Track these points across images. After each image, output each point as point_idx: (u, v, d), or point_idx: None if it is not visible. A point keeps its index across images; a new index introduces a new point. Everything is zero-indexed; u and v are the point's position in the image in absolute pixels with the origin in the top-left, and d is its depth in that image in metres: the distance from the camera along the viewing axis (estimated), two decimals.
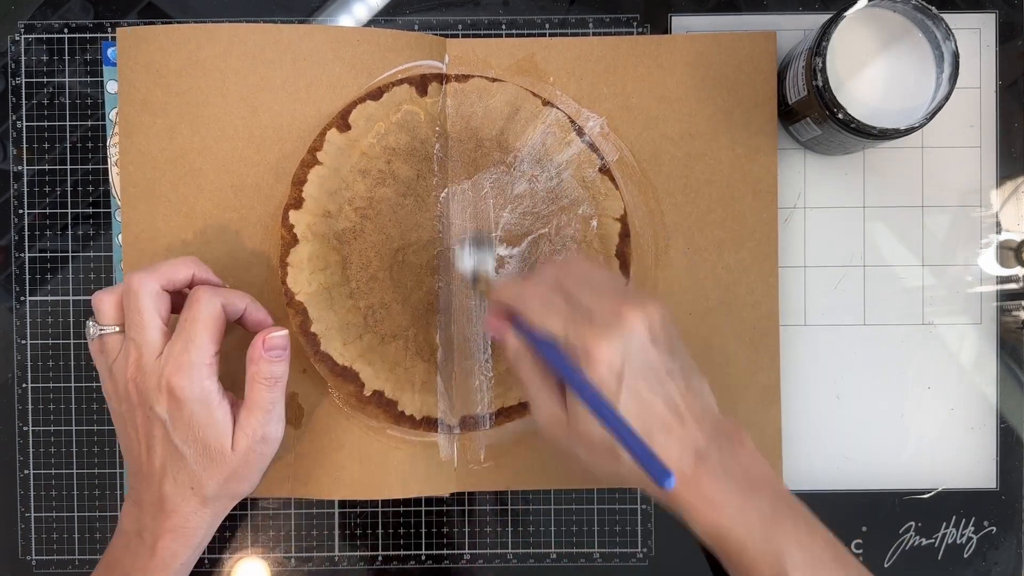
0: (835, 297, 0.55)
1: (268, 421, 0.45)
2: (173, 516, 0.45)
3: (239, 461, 0.45)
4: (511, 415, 0.53)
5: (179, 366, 0.43)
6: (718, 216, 0.53)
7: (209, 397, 0.44)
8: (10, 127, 0.55)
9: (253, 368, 0.45)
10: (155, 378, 0.43)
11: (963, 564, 0.54)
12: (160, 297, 0.44)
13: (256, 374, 0.45)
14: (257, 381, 0.45)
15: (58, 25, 0.55)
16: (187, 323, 0.44)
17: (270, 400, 0.45)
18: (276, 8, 0.55)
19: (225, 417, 0.45)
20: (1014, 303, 0.55)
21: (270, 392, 0.45)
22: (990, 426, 0.54)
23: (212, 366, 0.44)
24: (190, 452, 0.44)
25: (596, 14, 0.55)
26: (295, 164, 0.52)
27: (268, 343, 0.45)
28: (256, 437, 0.45)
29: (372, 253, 0.52)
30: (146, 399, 0.44)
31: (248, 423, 0.45)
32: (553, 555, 0.55)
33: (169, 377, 0.43)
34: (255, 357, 0.45)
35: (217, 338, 0.44)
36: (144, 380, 0.44)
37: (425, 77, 0.52)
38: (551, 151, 0.53)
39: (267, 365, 0.45)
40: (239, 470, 0.45)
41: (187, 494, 0.45)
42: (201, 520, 0.46)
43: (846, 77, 0.48)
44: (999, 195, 0.55)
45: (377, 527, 0.55)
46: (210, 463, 0.45)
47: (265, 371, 0.45)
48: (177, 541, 0.45)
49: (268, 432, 0.45)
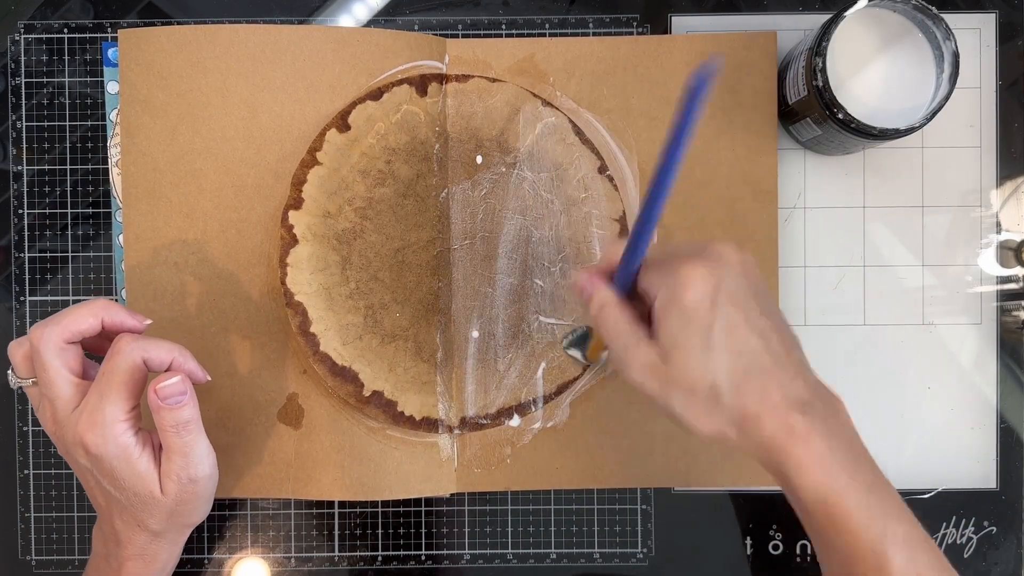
0: (835, 297, 0.55)
1: (188, 464, 0.43)
2: (128, 547, 0.45)
3: (174, 502, 0.44)
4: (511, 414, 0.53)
5: (92, 423, 0.41)
6: (718, 216, 0.53)
7: (126, 452, 0.42)
8: (10, 127, 0.55)
9: (157, 417, 0.43)
10: (71, 432, 0.42)
11: (963, 564, 0.54)
12: (64, 351, 0.42)
13: (161, 422, 0.43)
14: (165, 429, 0.43)
15: (58, 25, 0.55)
16: (103, 377, 0.42)
17: (183, 444, 0.43)
18: (276, 8, 0.55)
19: (148, 467, 0.43)
20: (1014, 303, 0.55)
21: (180, 437, 0.43)
22: (990, 426, 0.54)
23: (128, 421, 0.42)
24: (123, 497, 0.43)
25: (596, 14, 0.55)
26: (295, 164, 0.52)
27: (161, 393, 0.42)
28: (183, 480, 0.43)
29: (372, 253, 0.52)
30: (69, 451, 0.43)
31: (171, 469, 0.43)
32: (553, 555, 0.55)
33: (82, 435, 0.41)
34: (155, 407, 0.42)
35: (134, 392, 0.42)
36: (62, 434, 0.43)
37: (425, 77, 0.52)
38: (551, 151, 0.53)
39: (168, 413, 0.42)
40: (178, 508, 0.44)
41: (135, 529, 0.44)
42: (158, 549, 0.45)
43: (846, 77, 0.48)
44: (999, 195, 0.55)
45: (377, 527, 0.55)
46: (144, 507, 0.43)
47: (168, 419, 0.42)
48: (139, 566, 0.45)
49: (193, 473, 0.43)
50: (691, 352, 0.37)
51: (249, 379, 0.52)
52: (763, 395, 0.37)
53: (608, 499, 0.55)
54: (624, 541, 0.55)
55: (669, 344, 0.38)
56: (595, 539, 0.55)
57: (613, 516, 0.55)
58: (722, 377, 0.37)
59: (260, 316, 0.52)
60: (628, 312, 0.40)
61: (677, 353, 0.38)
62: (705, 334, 0.37)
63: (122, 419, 0.42)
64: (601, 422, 0.53)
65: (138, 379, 0.42)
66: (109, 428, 0.41)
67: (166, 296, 0.52)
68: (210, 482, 0.45)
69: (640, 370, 0.39)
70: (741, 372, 0.37)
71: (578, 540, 0.55)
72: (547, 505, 0.55)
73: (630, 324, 0.39)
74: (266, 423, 0.52)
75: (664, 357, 0.38)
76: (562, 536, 0.55)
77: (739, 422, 0.38)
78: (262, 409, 0.52)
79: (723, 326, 0.37)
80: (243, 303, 0.52)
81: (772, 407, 0.37)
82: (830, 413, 0.38)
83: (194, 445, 0.43)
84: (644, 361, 0.39)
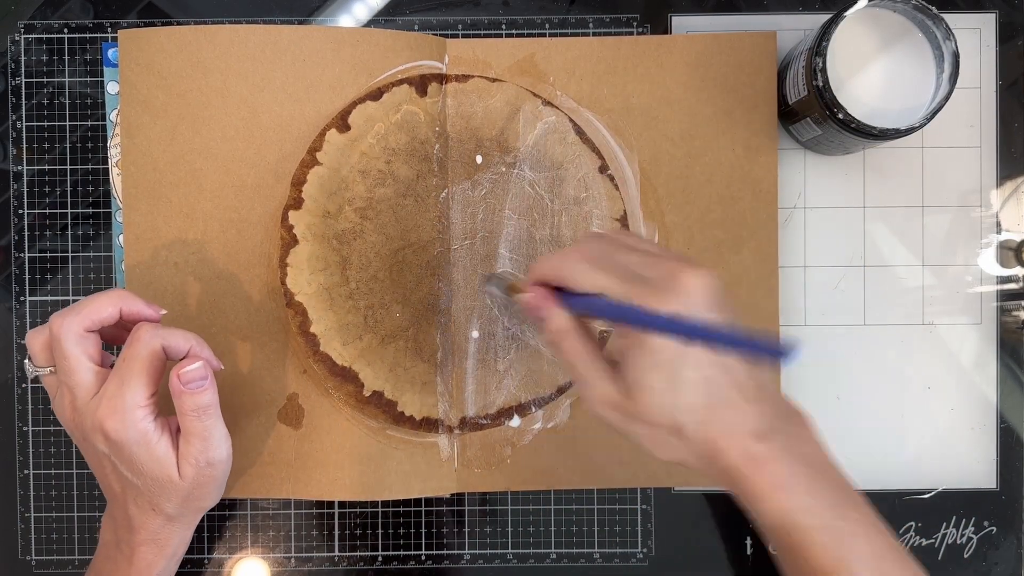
0: (835, 297, 0.55)
1: (207, 448, 0.44)
2: (141, 531, 0.45)
3: (191, 485, 0.45)
4: (511, 414, 0.53)
5: (112, 410, 0.42)
6: (718, 216, 0.53)
7: (146, 437, 0.43)
8: (10, 127, 0.55)
9: (178, 402, 0.44)
10: (90, 419, 0.43)
11: (963, 564, 0.54)
12: (84, 339, 0.43)
13: (182, 407, 0.44)
14: (185, 413, 0.44)
15: (58, 25, 0.55)
16: (123, 363, 0.43)
17: (203, 428, 0.44)
18: (276, 8, 0.55)
19: (167, 451, 0.44)
20: (1014, 303, 0.55)
21: (201, 421, 0.44)
22: (990, 426, 0.54)
23: (148, 407, 0.43)
24: (140, 482, 0.44)
25: (596, 14, 0.55)
26: (295, 164, 0.52)
27: (183, 377, 0.43)
28: (200, 464, 0.44)
29: (372, 253, 0.52)
30: (87, 437, 0.44)
31: (189, 453, 0.44)
32: (553, 555, 0.55)
33: (102, 421, 0.42)
34: (176, 391, 0.43)
35: (154, 379, 0.43)
36: (81, 421, 0.43)
37: (425, 77, 0.52)
38: (551, 151, 0.53)
39: (189, 398, 0.43)
40: (194, 491, 0.45)
41: (150, 514, 0.45)
42: (171, 533, 0.46)
43: (846, 77, 0.48)
44: (999, 195, 0.55)
45: (377, 527, 0.55)
46: (162, 490, 0.44)
47: (189, 403, 0.44)
48: (151, 552, 0.46)
49: (211, 457, 0.45)
50: (656, 392, 0.37)
51: (249, 379, 0.52)
52: (725, 427, 0.37)
53: (608, 499, 0.55)
54: (624, 541, 0.55)
55: (634, 383, 0.38)
56: (595, 539, 0.55)
57: (613, 516, 0.55)
58: (686, 415, 0.37)
59: (260, 316, 0.52)
60: (588, 342, 0.40)
61: (642, 394, 0.38)
62: (672, 375, 0.37)
63: (142, 404, 0.43)
64: (601, 422, 0.53)
65: (157, 366, 0.44)
66: (130, 413, 0.42)
67: (166, 296, 0.52)
68: (226, 466, 0.46)
69: (602, 405, 0.39)
70: (705, 407, 0.37)
71: (578, 540, 0.55)
72: (547, 505, 0.55)
73: (591, 356, 0.39)
74: (266, 423, 0.52)
75: (627, 394, 0.38)
76: (562, 536, 0.55)
77: (701, 454, 0.38)
78: (262, 409, 0.52)
79: (690, 365, 0.37)
80: (243, 303, 0.52)
81: (734, 437, 0.37)
82: (793, 435, 0.38)
83: (213, 429, 0.44)
84: (606, 398, 0.39)
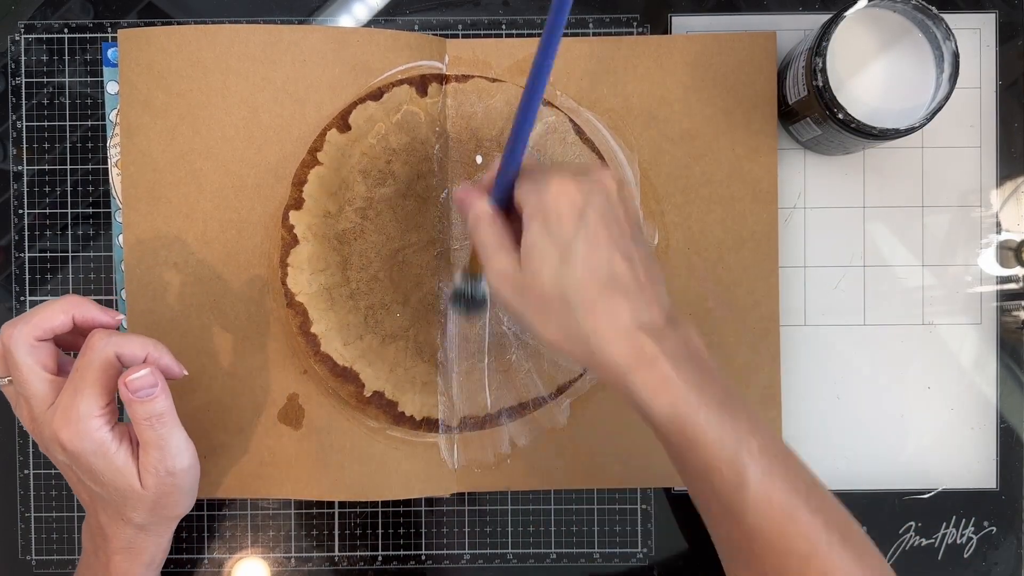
0: (835, 297, 0.55)
1: (164, 457, 0.43)
2: (114, 540, 0.45)
3: (155, 495, 0.44)
4: (512, 415, 0.53)
5: (67, 420, 0.41)
6: (718, 216, 0.53)
7: (103, 448, 0.42)
8: (10, 127, 0.55)
9: (130, 410, 0.42)
10: (47, 429, 0.42)
11: (963, 564, 0.54)
12: (37, 348, 0.42)
13: (134, 415, 0.42)
14: (138, 422, 0.42)
15: (58, 25, 0.55)
16: (76, 373, 0.42)
17: (158, 437, 0.43)
18: (276, 8, 0.55)
19: (126, 461, 0.43)
20: (1014, 303, 0.55)
21: (155, 430, 0.43)
22: (990, 426, 0.54)
23: (103, 416, 0.42)
24: (104, 492, 0.43)
25: (596, 14, 0.55)
26: (295, 165, 0.52)
27: (130, 385, 0.41)
28: (161, 473, 0.43)
29: (372, 253, 0.52)
30: (47, 448, 0.43)
31: (148, 462, 0.43)
32: (553, 555, 0.55)
33: (57, 432, 0.41)
34: (126, 400, 0.42)
35: (109, 387, 0.42)
36: (39, 431, 0.43)
37: (425, 77, 0.52)
38: (551, 151, 0.53)
39: (140, 406, 0.42)
40: (160, 500, 0.44)
41: (119, 523, 0.44)
42: (144, 541, 0.45)
43: (846, 77, 0.48)
44: (999, 195, 0.55)
45: (377, 527, 0.55)
46: (125, 501, 0.43)
47: (140, 412, 0.42)
48: (127, 560, 0.45)
49: (170, 466, 0.43)
50: (547, 261, 0.37)
51: (249, 379, 0.52)
52: (614, 316, 0.37)
53: (608, 499, 0.55)
54: (624, 541, 0.55)
55: (527, 252, 0.38)
56: (595, 539, 0.55)
57: (613, 516, 0.55)
58: (575, 291, 0.37)
59: (260, 317, 0.52)
60: (501, 225, 0.40)
61: (534, 262, 0.38)
62: (565, 246, 0.37)
63: (96, 414, 0.42)
64: (601, 422, 0.53)
65: (112, 374, 0.42)
66: (84, 424, 0.41)
67: (166, 296, 0.52)
68: (190, 474, 0.45)
69: (497, 276, 0.39)
70: (596, 289, 0.37)
71: (578, 540, 0.55)
72: (547, 505, 0.55)
73: (498, 234, 0.40)
74: (266, 423, 0.52)
75: (523, 269, 0.38)
76: (562, 536, 0.55)
77: (586, 339, 0.37)
78: (262, 409, 0.52)
79: (585, 240, 0.37)
80: (243, 304, 0.52)
81: (622, 328, 0.37)
82: (681, 338, 0.38)
83: (169, 438, 0.43)
84: (502, 267, 0.39)
